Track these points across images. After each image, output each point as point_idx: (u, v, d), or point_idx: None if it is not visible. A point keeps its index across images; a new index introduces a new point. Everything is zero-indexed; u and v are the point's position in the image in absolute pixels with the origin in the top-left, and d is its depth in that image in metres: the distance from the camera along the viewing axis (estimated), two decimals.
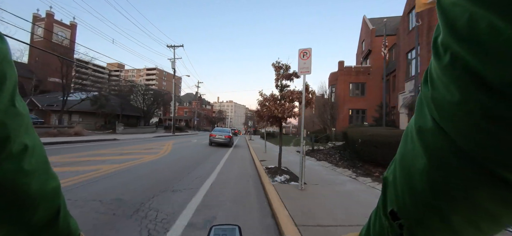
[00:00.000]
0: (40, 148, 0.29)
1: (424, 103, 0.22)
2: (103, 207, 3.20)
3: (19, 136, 0.25)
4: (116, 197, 3.65)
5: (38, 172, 0.28)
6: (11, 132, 0.24)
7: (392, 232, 0.28)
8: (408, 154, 0.25)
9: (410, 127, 0.26)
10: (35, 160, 0.27)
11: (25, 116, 0.26)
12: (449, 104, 0.19)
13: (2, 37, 0.23)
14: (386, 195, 0.29)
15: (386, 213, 0.28)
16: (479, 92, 0.16)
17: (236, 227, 0.44)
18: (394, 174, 0.27)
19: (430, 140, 0.21)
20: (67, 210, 0.34)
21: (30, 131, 0.27)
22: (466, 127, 0.18)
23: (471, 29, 0.16)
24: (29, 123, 0.27)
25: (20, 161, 0.25)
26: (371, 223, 0.33)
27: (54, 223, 0.31)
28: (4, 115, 0.23)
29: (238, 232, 0.43)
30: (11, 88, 0.24)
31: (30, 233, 0.28)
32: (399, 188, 0.26)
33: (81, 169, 5.58)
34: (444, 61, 0.18)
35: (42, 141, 0.30)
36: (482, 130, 0.17)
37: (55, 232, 0.31)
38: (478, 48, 0.15)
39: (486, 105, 0.16)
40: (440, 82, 0.19)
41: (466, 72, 0.17)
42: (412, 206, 0.25)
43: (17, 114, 0.25)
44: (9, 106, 0.24)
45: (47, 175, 0.30)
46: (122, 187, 4.23)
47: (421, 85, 0.23)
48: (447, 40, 0.18)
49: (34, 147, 0.27)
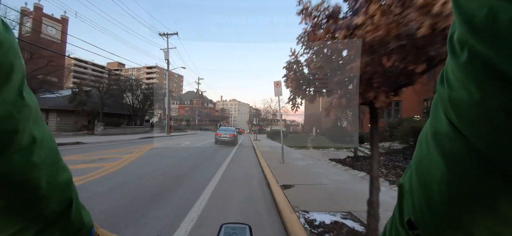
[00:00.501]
0: (50, 139, 0.29)
1: (440, 106, 0.22)
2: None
3: (28, 128, 0.25)
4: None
5: (48, 164, 0.28)
6: (19, 124, 0.23)
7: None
8: (424, 160, 0.24)
9: (425, 131, 0.25)
10: (44, 152, 0.27)
11: (33, 108, 0.26)
12: (468, 105, 0.18)
13: (8, 27, 0.23)
14: (402, 204, 0.28)
15: (403, 222, 0.27)
16: (501, 90, 0.15)
17: (247, 226, 0.43)
18: (411, 182, 0.26)
19: (447, 145, 0.21)
20: (80, 202, 0.34)
21: (39, 123, 0.27)
22: (487, 128, 0.17)
23: (490, 23, 0.15)
24: (38, 115, 0.27)
25: (29, 154, 0.25)
26: (387, 233, 0.31)
27: (66, 215, 0.31)
28: (12, 107, 0.23)
29: (249, 231, 0.42)
30: (19, 79, 0.24)
31: (42, 225, 0.28)
32: (415, 196, 0.25)
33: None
34: (462, 59, 0.18)
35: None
36: (506, 132, 0.16)
37: (68, 224, 0.31)
38: (499, 43, 0.15)
39: (510, 103, 0.15)
40: (458, 82, 0.19)
41: (487, 69, 0.16)
42: (430, 216, 0.23)
43: (25, 106, 0.24)
44: (17, 98, 0.23)
45: (58, 167, 0.30)
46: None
47: (437, 86, 0.22)
48: (464, 36, 0.17)
49: (43, 139, 0.27)
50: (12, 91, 0.22)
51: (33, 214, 0.26)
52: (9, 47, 0.22)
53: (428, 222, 0.24)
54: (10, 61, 0.22)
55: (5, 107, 0.22)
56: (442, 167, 0.21)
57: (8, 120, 0.22)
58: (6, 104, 0.22)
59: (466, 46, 0.17)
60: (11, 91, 0.22)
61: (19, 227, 0.26)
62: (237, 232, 0.41)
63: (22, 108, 0.24)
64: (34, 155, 0.25)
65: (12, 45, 0.23)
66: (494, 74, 0.16)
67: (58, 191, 0.29)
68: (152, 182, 4.61)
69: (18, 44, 0.24)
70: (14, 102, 0.23)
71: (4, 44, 0.22)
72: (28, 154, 0.25)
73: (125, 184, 4.40)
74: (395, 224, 0.29)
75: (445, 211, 0.22)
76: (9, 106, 0.22)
